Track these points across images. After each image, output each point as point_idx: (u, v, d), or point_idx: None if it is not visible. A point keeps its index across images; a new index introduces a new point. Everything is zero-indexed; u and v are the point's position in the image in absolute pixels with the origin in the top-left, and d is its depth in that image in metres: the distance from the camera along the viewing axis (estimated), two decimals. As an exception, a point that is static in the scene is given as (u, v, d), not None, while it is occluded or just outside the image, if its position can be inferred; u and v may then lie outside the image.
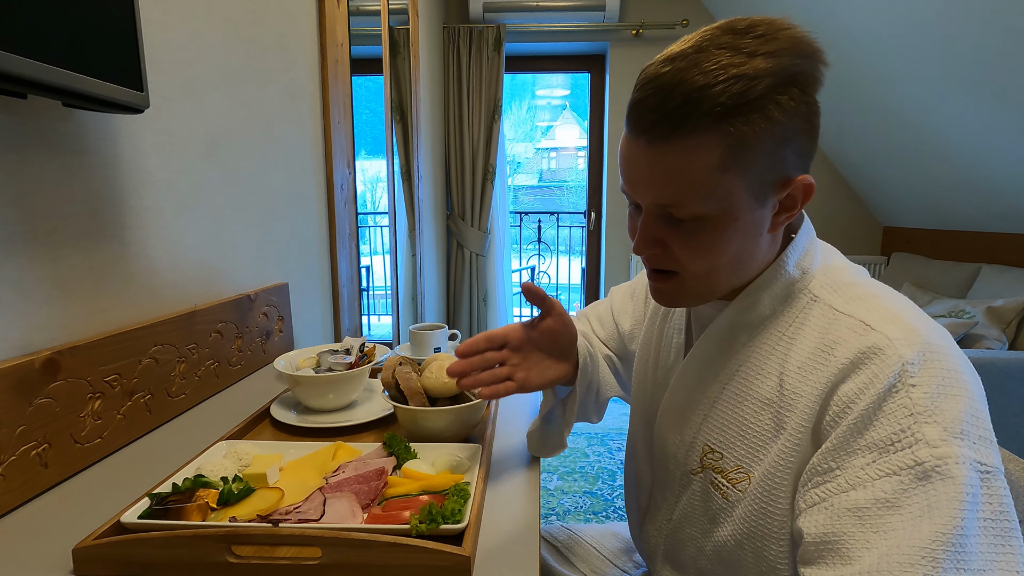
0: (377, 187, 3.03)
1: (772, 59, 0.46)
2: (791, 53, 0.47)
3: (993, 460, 0.43)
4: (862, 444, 0.45)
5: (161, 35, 0.84)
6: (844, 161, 3.27)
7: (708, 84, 0.46)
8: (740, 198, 0.50)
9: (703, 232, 0.52)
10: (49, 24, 0.53)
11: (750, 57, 0.46)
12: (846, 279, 0.55)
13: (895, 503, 0.42)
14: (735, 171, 0.48)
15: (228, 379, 1.00)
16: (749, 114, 0.46)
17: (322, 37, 1.43)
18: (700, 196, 0.49)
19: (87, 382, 0.68)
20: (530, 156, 8.24)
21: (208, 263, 0.97)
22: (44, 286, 0.65)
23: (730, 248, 0.52)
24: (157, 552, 0.48)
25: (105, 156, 0.74)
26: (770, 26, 0.47)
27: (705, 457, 0.60)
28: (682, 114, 0.47)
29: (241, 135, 1.07)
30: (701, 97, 0.46)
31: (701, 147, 0.48)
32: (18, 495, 0.59)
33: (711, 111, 0.46)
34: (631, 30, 3.24)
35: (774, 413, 0.54)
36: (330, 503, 0.54)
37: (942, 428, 0.43)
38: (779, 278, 0.56)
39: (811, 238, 0.59)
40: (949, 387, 0.44)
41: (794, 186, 0.51)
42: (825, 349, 0.50)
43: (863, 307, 0.51)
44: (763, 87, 0.46)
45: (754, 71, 0.46)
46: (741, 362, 0.58)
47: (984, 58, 1.91)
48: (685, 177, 0.49)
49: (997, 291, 2.30)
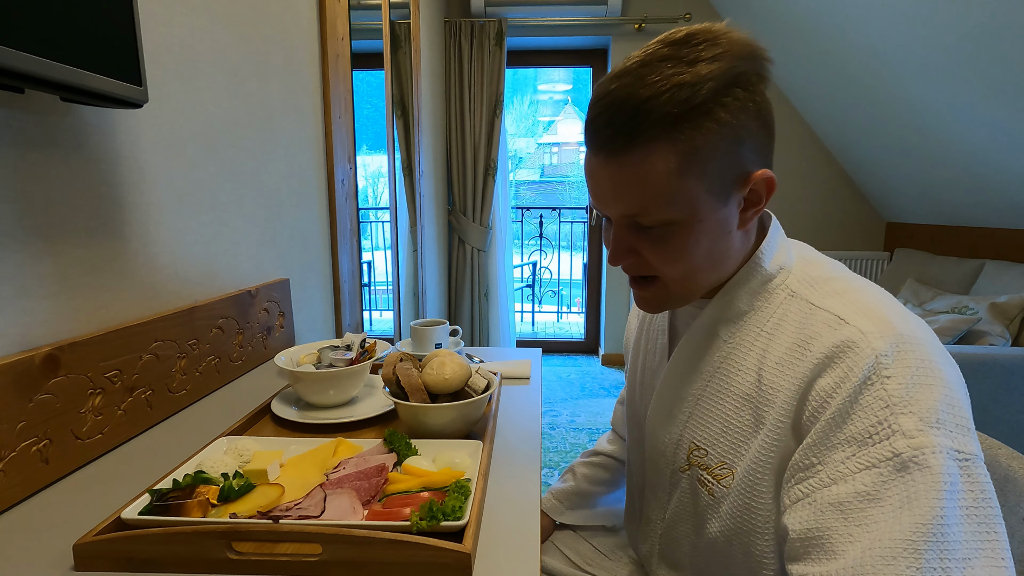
0: (378, 182, 3.02)
1: (713, 64, 0.48)
2: (731, 56, 0.49)
3: (971, 447, 0.44)
4: (841, 438, 0.45)
5: (161, 29, 0.83)
6: (848, 157, 3.25)
7: (654, 95, 0.48)
8: (702, 200, 0.52)
9: (672, 237, 0.53)
10: (47, 18, 0.53)
11: (691, 65, 0.48)
12: (823, 274, 0.57)
13: (876, 495, 0.43)
14: (693, 175, 0.50)
15: (229, 375, 1.00)
16: (697, 119, 0.48)
17: (323, 31, 1.43)
18: (663, 203, 0.51)
19: (88, 378, 0.68)
20: (532, 151, 8.22)
21: (209, 258, 0.97)
22: (44, 282, 0.65)
23: (701, 249, 0.54)
24: (158, 548, 0.48)
25: (104, 151, 0.74)
26: (708, 33, 0.50)
27: (691, 454, 0.61)
28: (633, 127, 0.49)
29: (242, 130, 1.07)
30: (649, 109, 0.48)
31: (656, 156, 0.50)
32: (19, 491, 0.59)
33: (660, 121, 0.48)
34: (633, 24, 3.22)
35: (753, 408, 0.55)
36: (331, 499, 0.54)
37: (918, 418, 0.43)
38: (756, 275, 0.58)
39: (782, 236, 0.61)
40: (924, 377, 0.45)
41: (755, 181, 0.53)
42: (802, 344, 0.51)
43: (839, 301, 0.52)
44: (707, 91, 0.48)
45: (695, 78, 0.48)
46: (722, 359, 0.59)
47: (989, 53, 1.90)
48: (645, 186, 0.51)
49: (1001, 287, 2.29)
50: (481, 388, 0.75)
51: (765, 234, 0.60)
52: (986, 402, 1.78)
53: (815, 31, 2.62)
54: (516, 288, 4.03)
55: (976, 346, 2.00)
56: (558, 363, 3.74)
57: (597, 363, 3.76)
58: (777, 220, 0.62)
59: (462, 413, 0.72)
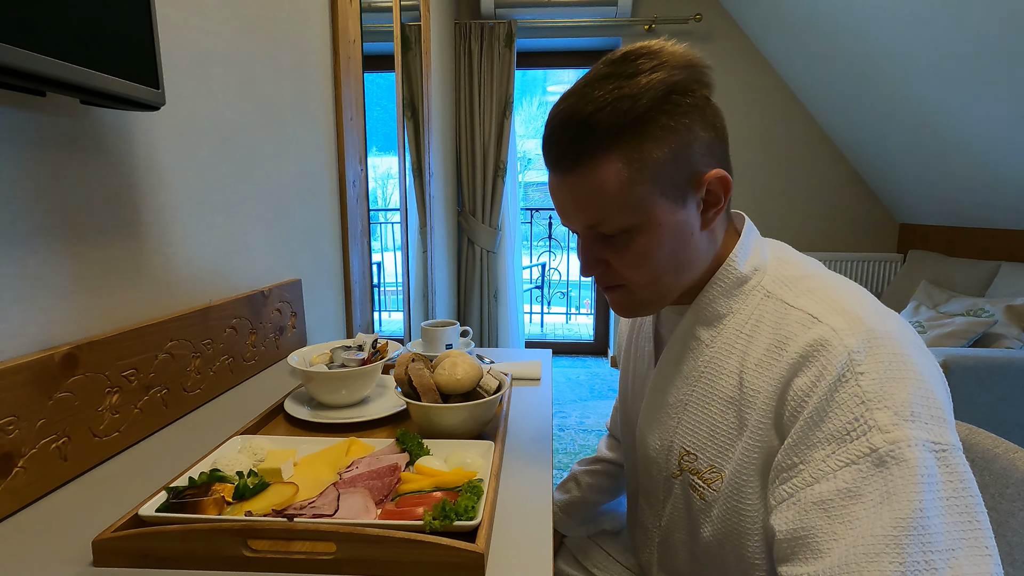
0: (388, 183, 3.04)
1: (652, 75, 0.51)
2: (669, 67, 0.51)
3: (948, 438, 0.43)
4: (820, 437, 0.46)
5: (176, 33, 0.84)
6: (860, 157, 3.22)
7: (598, 109, 0.50)
8: (658, 204, 0.53)
9: (634, 243, 0.55)
10: (67, 22, 0.54)
11: (630, 79, 0.51)
12: (798, 272, 0.57)
13: (856, 492, 0.43)
14: (643, 181, 0.52)
15: (242, 374, 1.01)
16: (641, 127, 0.51)
17: (334, 34, 1.44)
18: (619, 211, 0.53)
19: (105, 376, 0.69)
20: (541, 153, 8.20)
21: (222, 259, 0.98)
22: (63, 282, 0.66)
23: (664, 252, 0.55)
24: (174, 545, 0.49)
25: (122, 153, 0.75)
26: (645, 49, 0.52)
27: (682, 460, 0.61)
28: (581, 143, 0.52)
29: (255, 132, 1.08)
30: (594, 123, 0.51)
31: (606, 167, 0.52)
32: (38, 488, 0.60)
33: (606, 133, 0.51)
34: (643, 25, 3.21)
35: (737, 411, 0.55)
36: (344, 498, 0.55)
37: (892, 412, 0.43)
38: (731, 277, 0.58)
39: (756, 237, 0.61)
40: (896, 371, 0.45)
41: (709, 181, 0.54)
42: (779, 345, 0.52)
43: (812, 299, 0.52)
44: (647, 101, 0.50)
45: (635, 89, 0.50)
46: (705, 364, 0.59)
47: (1003, 53, 1.87)
48: (601, 197, 0.53)
49: (1017, 290, 2.26)
50: (493, 389, 0.75)
51: (738, 236, 0.60)
52: (1002, 406, 1.75)
53: (826, 30, 2.60)
54: (525, 289, 4.03)
55: (992, 349, 1.97)
56: (567, 364, 3.74)
57: (606, 364, 3.75)
58: (751, 221, 0.63)
59: (474, 414, 0.73)
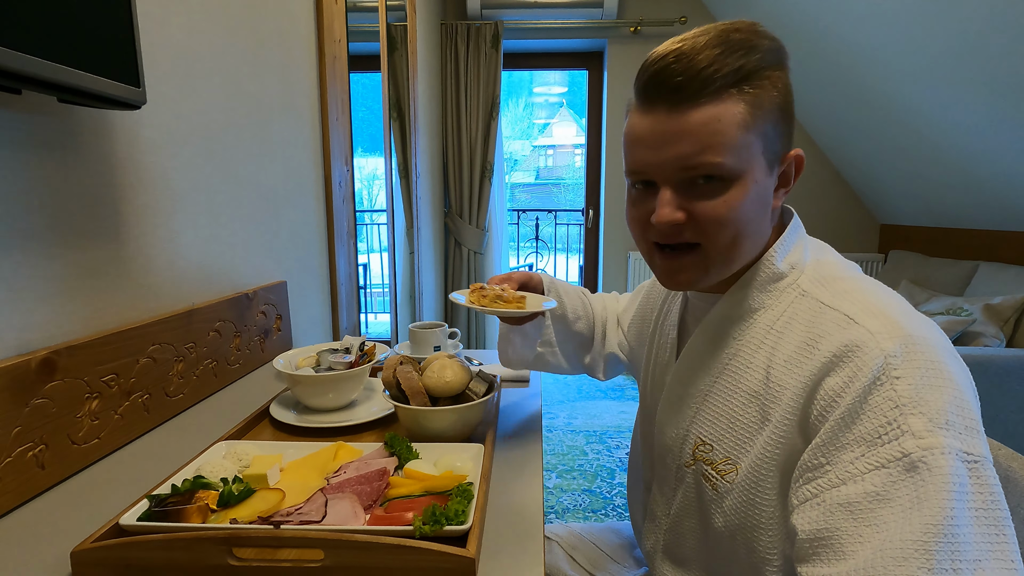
0: (374, 185, 3.01)
1: (764, 39, 0.53)
2: (775, 39, 0.54)
3: (980, 450, 0.43)
4: (850, 438, 0.45)
5: (158, 31, 0.83)
6: (841, 158, 3.27)
7: (724, 52, 0.51)
8: (757, 160, 0.53)
9: (726, 192, 0.54)
10: (44, 19, 0.52)
11: (749, 35, 0.52)
12: (835, 273, 0.57)
13: (885, 496, 0.42)
14: (755, 132, 0.52)
15: (227, 378, 0.99)
16: (760, 80, 0.52)
17: (320, 33, 1.42)
18: (728, 150, 0.52)
19: (84, 382, 0.67)
20: (527, 154, 8.23)
21: (206, 261, 0.96)
22: (40, 285, 0.64)
23: (748, 212, 0.54)
24: (157, 555, 0.47)
25: (101, 153, 0.73)
26: (750, 23, 0.54)
27: (697, 450, 0.61)
28: (709, 74, 0.51)
29: (239, 132, 1.06)
30: (722, 63, 0.51)
31: (729, 104, 0.51)
32: (15, 497, 0.59)
33: (732, 73, 0.51)
34: (629, 27, 3.23)
35: (760, 405, 0.55)
36: (332, 504, 0.54)
37: (927, 419, 0.43)
38: (768, 272, 0.58)
39: (800, 235, 0.61)
40: (933, 378, 0.45)
41: (789, 160, 0.57)
42: (810, 343, 0.52)
43: (848, 301, 0.52)
44: (771, 56, 0.53)
45: (759, 42, 0.52)
46: (732, 355, 0.59)
47: (984, 55, 1.91)
48: (714, 133, 0.52)
49: (995, 289, 2.30)
50: (482, 391, 0.74)
51: (782, 230, 0.60)
52: (981, 403, 1.79)
53: (809, 32, 2.63)
54: (512, 290, 4.02)
55: (971, 347, 2.01)
56: (555, 365, 3.73)
57: (594, 365, 3.75)
58: (799, 218, 0.62)
59: (463, 416, 0.72)
